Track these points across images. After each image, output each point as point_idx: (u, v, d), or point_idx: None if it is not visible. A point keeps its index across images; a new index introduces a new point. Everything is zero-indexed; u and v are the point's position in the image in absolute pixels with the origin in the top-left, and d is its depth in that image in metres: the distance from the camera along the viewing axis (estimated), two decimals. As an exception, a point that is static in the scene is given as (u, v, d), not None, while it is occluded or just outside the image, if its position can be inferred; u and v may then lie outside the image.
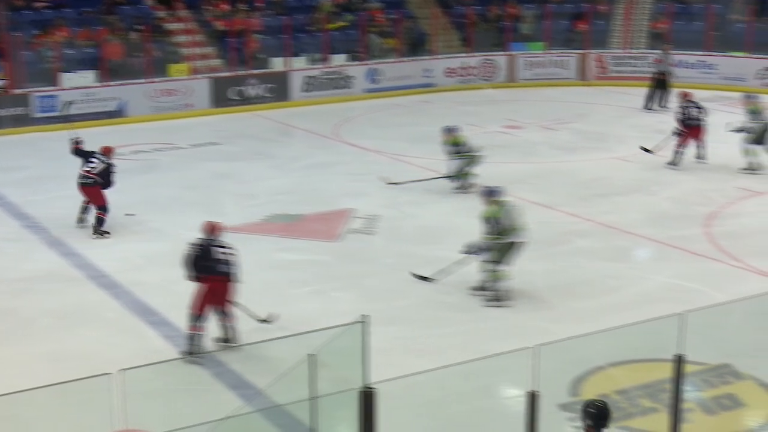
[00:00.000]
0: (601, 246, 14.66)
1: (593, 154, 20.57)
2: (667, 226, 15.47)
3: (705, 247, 14.41)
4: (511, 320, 11.87)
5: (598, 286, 13.05)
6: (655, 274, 13.48)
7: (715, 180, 18.29)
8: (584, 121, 24.34)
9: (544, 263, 13.85)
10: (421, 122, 24.40)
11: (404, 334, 11.47)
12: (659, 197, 17.29)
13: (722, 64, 28.87)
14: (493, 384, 9.92)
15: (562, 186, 18.04)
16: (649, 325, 9.05)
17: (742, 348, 10.60)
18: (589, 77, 29.97)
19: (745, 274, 13.33)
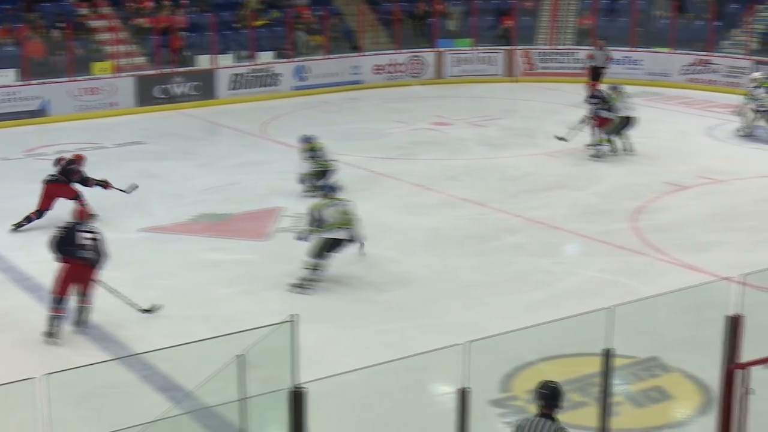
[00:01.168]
0: (530, 241, 14.78)
1: (521, 150, 20.73)
2: (594, 221, 15.65)
3: (632, 242, 14.61)
4: (442, 317, 11.90)
5: (527, 281, 13.16)
6: (584, 269, 13.62)
7: (642, 174, 18.54)
8: (512, 117, 24.54)
9: (474, 259, 13.94)
10: (349, 120, 24.41)
11: (335, 333, 11.46)
12: (587, 192, 17.48)
13: (647, 60, 29.29)
14: (425, 381, 9.94)
15: (491, 182, 18.15)
16: (577, 320, 9.12)
17: (669, 341, 10.75)
18: (517, 73, 30.20)
19: (671, 267, 13.52)
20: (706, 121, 23.65)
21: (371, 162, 19.62)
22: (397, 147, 21.11)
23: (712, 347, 7.78)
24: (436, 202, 16.87)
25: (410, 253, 14.23)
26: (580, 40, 30.98)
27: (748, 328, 7.72)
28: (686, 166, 19.06)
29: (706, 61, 28.71)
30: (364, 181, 18.13)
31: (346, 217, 12.97)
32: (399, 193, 17.44)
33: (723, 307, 7.93)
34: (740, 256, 13.82)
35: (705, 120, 23.87)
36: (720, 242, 14.65)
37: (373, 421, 9.30)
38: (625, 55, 29.49)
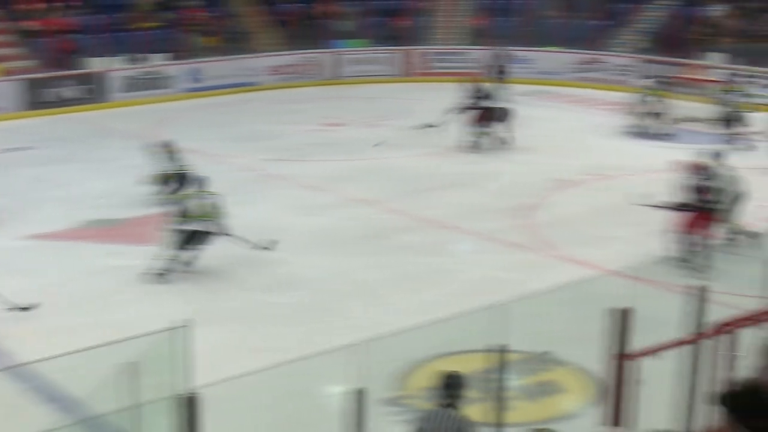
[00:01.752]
0: (425, 241, 14.87)
1: (416, 150, 20.85)
2: (487, 219, 15.82)
3: (524, 239, 14.81)
4: (338, 317, 11.91)
5: (422, 280, 13.24)
6: (477, 267, 13.76)
7: (533, 172, 18.81)
8: (407, 117, 24.63)
9: (369, 259, 13.98)
10: (243, 121, 24.27)
11: (233, 336, 11.38)
12: (479, 191, 17.66)
13: (539, 59, 29.73)
14: (321, 382, 9.94)
15: (385, 182, 18.23)
16: (472, 317, 9.22)
17: (561, 335, 10.93)
18: (411, 74, 30.37)
19: (562, 263, 13.74)
20: (596, 119, 24.12)
21: (265, 164, 19.55)
22: (291, 148, 21.06)
23: (602, 339, 7.93)
24: (330, 203, 16.88)
25: (305, 255, 14.21)
26: (473, 40, 31.31)
27: (636, 320, 7.89)
28: (576, 162, 19.40)
29: (596, 59, 29.29)
30: (257, 182, 18.06)
31: (210, 210, 13.20)
32: (293, 195, 17.41)
33: (612, 299, 8.08)
34: (628, 249, 14.09)
35: (595, 117, 24.35)
36: (609, 237, 14.94)
37: (271, 424, 9.26)
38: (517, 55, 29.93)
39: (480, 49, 29.57)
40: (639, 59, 28.48)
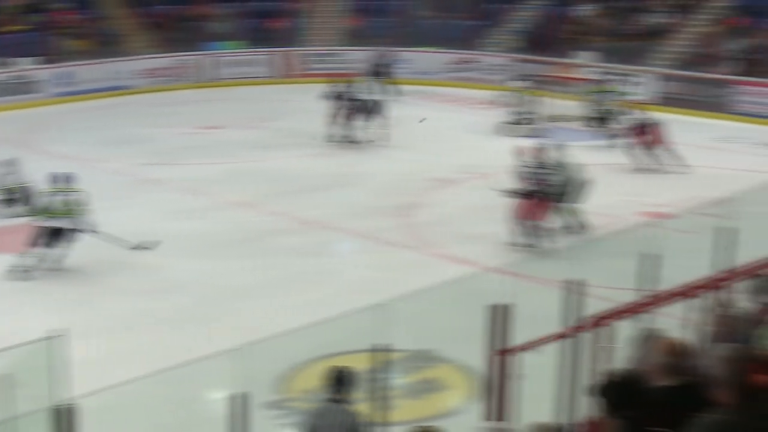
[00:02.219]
0: (304, 242, 14.82)
1: (293, 151, 20.79)
2: (367, 219, 15.85)
3: (403, 238, 14.88)
4: (216, 321, 11.76)
5: (302, 282, 13.18)
6: (358, 267, 13.78)
7: (411, 171, 18.91)
8: (283, 119, 24.54)
9: (248, 262, 13.87)
10: (118, 125, 23.82)
11: (112, 345, 11.14)
12: (358, 191, 17.70)
13: (415, 59, 29.89)
14: (205, 387, 9.82)
15: (263, 184, 18.11)
16: (354, 317, 9.23)
17: (441, 333, 11.02)
18: (286, 75, 30.27)
19: (442, 261, 13.84)
20: (472, 118, 24.39)
21: (140, 168, 19.24)
22: (167, 152, 20.77)
23: (482, 335, 8.01)
24: (208, 206, 16.69)
25: (183, 259, 14.02)
26: (350, 41, 31.35)
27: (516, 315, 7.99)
28: (453, 161, 19.58)
29: (471, 59, 29.63)
30: (132, 187, 17.76)
31: (74, 207, 13.19)
32: (169, 199, 17.16)
33: (492, 295, 8.17)
34: (504, 246, 14.28)
35: (470, 116, 24.62)
36: (487, 234, 15.09)
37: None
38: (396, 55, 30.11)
39: (356, 50, 29.62)
40: (513, 59, 28.90)
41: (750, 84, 24.41)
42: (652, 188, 17.55)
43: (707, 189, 16.67)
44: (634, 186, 17.75)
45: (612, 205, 16.34)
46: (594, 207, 16.17)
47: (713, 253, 10.08)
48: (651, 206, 15.93)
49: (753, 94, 24.25)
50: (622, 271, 10.53)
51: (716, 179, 17.84)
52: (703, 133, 22.55)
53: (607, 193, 17.36)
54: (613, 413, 4.84)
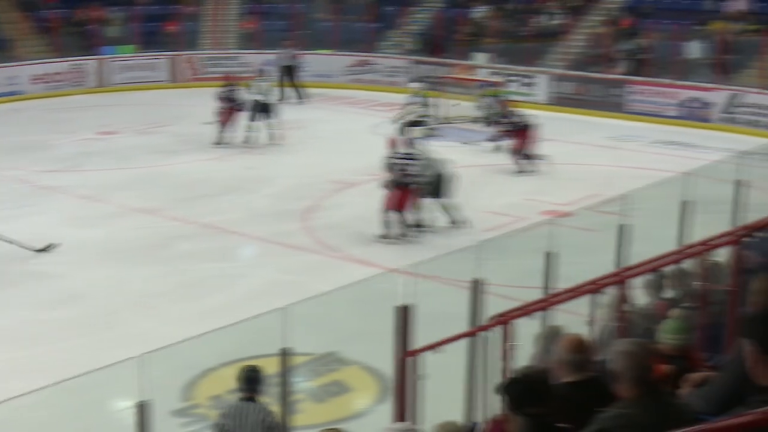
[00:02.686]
0: (205, 247, 14.70)
1: (192, 156, 20.59)
2: (268, 223, 15.79)
3: (306, 241, 14.86)
4: (119, 330, 11.61)
5: (204, 287, 13.07)
6: (260, 272, 13.73)
7: (312, 174, 18.88)
8: (180, 123, 24.28)
9: (149, 269, 13.71)
10: (12, 132, 23.30)
11: (8, 356, 10.90)
12: (259, 194, 17.62)
13: (311, 62, 29.83)
14: (105, 397, 9.68)
15: (162, 190, 17.90)
16: (255, 322, 9.19)
17: (345, 335, 11.05)
18: (182, 79, 29.95)
19: (344, 263, 13.88)
20: (371, 120, 24.45)
21: (37, 175, 18.85)
22: (64, 158, 20.38)
23: (386, 337, 8.05)
24: (107, 213, 16.43)
25: (83, 268, 13.78)
26: (244, 44, 31.19)
27: (417, 316, 8.05)
28: (354, 163, 19.59)
29: (367, 61, 29.73)
30: (30, 195, 17.39)
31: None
32: (68, 206, 16.85)
33: (394, 297, 8.22)
34: (406, 246, 14.38)
35: (369, 118, 24.67)
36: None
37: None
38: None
39: (251, 53, 29.45)
40: (409, 60, 29.08)
41: (641, 83, 24.99)
42: (551, 188, 17.84)
43: (604, 187, 17.03)
44: (533, 186, 18.03)
45: (514, 204, 16.60)
46: (497, 207, 16.44)
47: (612, 250, 10.32)
48: (552, 205, 16.20)
49: (645, 94, 24.83)
50: (525, 269, 10.72)
51: (612, 177, 18.21)
52: (598, 132, 23.02)
53: (508, 193, 17.67)
54: (517, 410, 4.90)
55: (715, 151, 20.27)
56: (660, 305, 7.72)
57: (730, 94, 23.53)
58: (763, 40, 24.15)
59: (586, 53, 27.30)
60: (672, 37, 25.55)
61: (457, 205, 15.34)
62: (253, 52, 29.55)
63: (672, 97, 24.36)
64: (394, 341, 8.01)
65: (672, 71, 24.75)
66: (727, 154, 18.53)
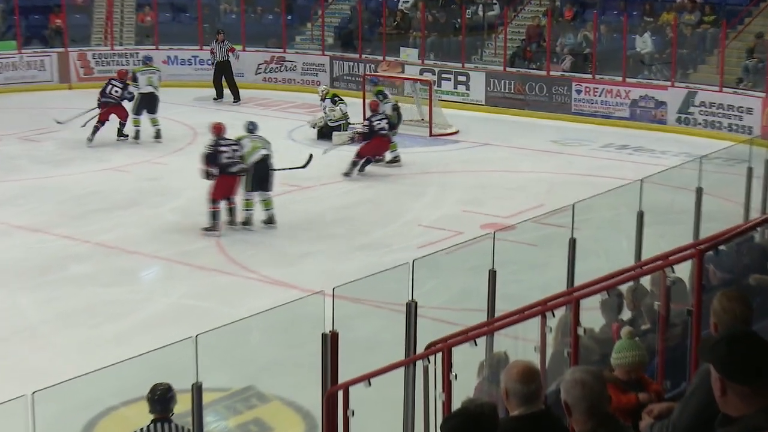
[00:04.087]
0: (101, 269, 14.56)
1: (84, 166, 20.35)
2: (173, 241, 15.69)
3: (217, 261, 14.80)
4: (3, 362, 11.45)
5: (101, 314, 12.95)
6: (165, 296, 13.64)
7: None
8: (71, 128, 23.94)
9: (36, 294, 13.55)
10: None
11: None
12: (163, 209, 17.47)
13: (217, 60, 29.69)
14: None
15: (51, 204, 17.69)
16: (161, 354, 9.08)
17: (264, 366, 11.01)
18: (72, 79, 29.60)
19: (259, 285, 13.85)
20: (286, 123, 24.38)
21: None
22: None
23: (312, 369, 8.04)
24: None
25: (-40, 294, 13.59)
26: (140, 40, 30.95)
27: (345, 343, 8.05)
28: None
29: (280, 58, 29.62)
30: None
31: None
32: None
33: (319, 323, 8.21)
34: (331, 267, 14.39)
35: (285, 122, 24.60)
36: (309, 253, 15.19)
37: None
38: (193, 54, 29.83)
39: (150, 49, 29.22)
40: (326, 57, 29.08)
41: (588, 81, 25.21)
42: (491, 198, 17.99)
43: (549, 197, 17.21)
44: (471, 196, 18.15)
45: (450, 217, 16.70)
46: (431, 220, 16.53)
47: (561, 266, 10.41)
48: (492, 217, 16.32)
49: (592, 93, 25.05)
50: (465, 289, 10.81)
51: (558, 186, 18.41)
52: (541, 135, 23.23)
53: (444, 204, 17.77)
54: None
55: (671, 156, 20.62)
56: (616, 328, 7.81)
57: (686, 92, 23.88)
58: (720, 32, 24.56)
59: (526, 48, 27.53)
60: (620, 30, 25.86)
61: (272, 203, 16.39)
62: (153, 48, 29.32)
63: (622, 96, 24.64)
64: (320, 373, 8.01)
65: (621, 68, 25.03)
66: (685, 158, 18.87)
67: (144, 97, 22.42)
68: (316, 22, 30.87)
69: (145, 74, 22.71)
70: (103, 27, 31.36)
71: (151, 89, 22.51)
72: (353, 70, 28.15)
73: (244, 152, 16.14)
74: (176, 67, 29.49)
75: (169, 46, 29.82)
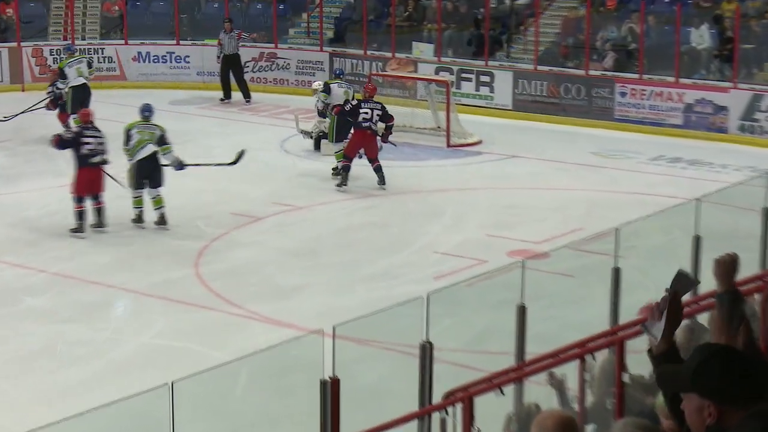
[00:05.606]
0: (60, 303, 14.58)
1: (39, 182, 20.32)
2: (144, 269, 15.71)
3: (196, 293, 14.79)
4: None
5: (55, 357, 12.98)
6: (136, 335, 13.63)
7: (203, 205, 18.75)
8: (22, 137, 24.01)
9: (-19, 333, 13.60)
10: None
11: None
12: (134, 231, 17.44)
13: (196, 56, 29.71)
14: None
15: (3, 227, 17.70)
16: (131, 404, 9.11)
17: (253, 419, 11.00)
18: (26, 78, 29.67)
19: (247, 322, 13.86)
20: (279, 132, 24.37)
21: None
22: None
23: (309, 421, 8.06)
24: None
25: None
26: (106, 33, 31.02)
27: (347, 391, 8.07)
28: (257, 190, 19.58)
29: (271, 55, 29.57)
30: None
31: None
32: None
33: (317, 367, 8.23)
34: (331, 301, 14.40)
35: (276, 130, 24.61)
36: (305, 285, 15.18)
37: None
38: (168, 51, 29.88)
39: (118, 44, 29.32)
40: (324, 53, 29.07)
41: (634, 83, 25.13)
42: (520, 220, 17.97)
43: (588, 219, 17.19)
44: (497, 218, 18.14)
45: (472, 242, 16.66)
46: (450, 246, 16.51)
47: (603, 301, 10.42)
48: (521, 243, 16.32)
49: (640, 96, 24.94)
50: (489, 328, 10.82)
51: (598, 206, 18.39)
52: (579, 146, 23.18)
53: (465, 227, 17.73)
54: None
55: (732, 170, 20.59)
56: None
57: (750, 95, 23.84)
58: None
59: (561, 43, 27.54)
60: (672, 22, 25.78)
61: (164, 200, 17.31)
62: (121, 43, 29.42)
63: (675, 99, 24.58)
64: (318, 427, 8.03)
65: (674, 66, 24.97)
66: (749, 173, 18.86)
67: (77, 90, 22.84)
68: (313, 12, 30.89)
69: (73, 66, 23.09)
70: (62, 18, 31.45)
71: (82, 80, 22.98)
72: (356, 68, 28.14)
73: (130, 146, 17.27)
74: (148, 65, 29.57)
75: (140, 40, 29.89)
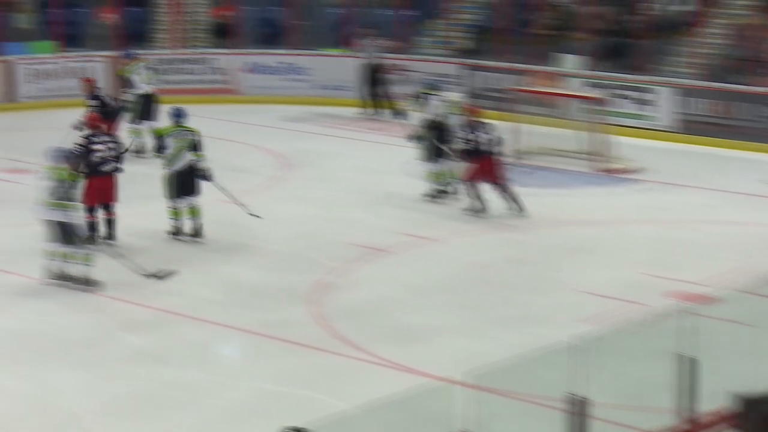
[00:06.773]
0: (164, 344, 14.70)
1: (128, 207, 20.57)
2: (258, 307, 15.78)
3: (315, 334, 14.83)
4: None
5: (164, 403, 13.09)
6: (249, 380, 13.68)
7: (319, 234, 18.88)
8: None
9: (80, 375, 13.76)
10: None
11: None
12: (243, 264, 17.57)
13: (314, 67, 29.87)
14: None
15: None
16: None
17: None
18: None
19: (371, 368, 13.86)
20: (403, 153, 24.37)
21: None
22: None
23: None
24: (15, 290, 16.50)
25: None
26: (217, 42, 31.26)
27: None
28: (381, 218, 19.62)
29: (399, 67, 29.48)
30: None
31: None
32: None
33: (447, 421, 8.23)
34: (465, 346, 14.36)
35: (401, 150, 24.61)
36: (437, 328, 15.15)
37: None
38: (280, 61, 30.04)
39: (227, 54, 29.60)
40: (453, 65, 28.99)
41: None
42: (681, 257, 17.80)
43: (758, 257, 16.97)
44: (655, 254, 17.98)
45: (626, 282, 16.53)
46: (600, 286, 16.38)
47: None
48: (684, 284, 16.15)
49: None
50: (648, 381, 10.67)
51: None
52: (750, 173, 22.94)
53: (617, 264, 17.56)
54: None
55: None
56: None
57: None
58: None
59: (728, 55, 27.31)
60: None
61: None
62: (230, 53, 29.70)
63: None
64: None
65: None
66: None
67: (144, 99, 23.36)
68: (446, 18, 30.83)
69: (140, 72, 23.64)
70: (167, 24, 31.76)
71: (149, 88, 23.45)
72: (491, 83, 28.05)
73: (167, 154, 18.38)
74: (259, 76, 29.78)
75: (249, 49, 30.14)
